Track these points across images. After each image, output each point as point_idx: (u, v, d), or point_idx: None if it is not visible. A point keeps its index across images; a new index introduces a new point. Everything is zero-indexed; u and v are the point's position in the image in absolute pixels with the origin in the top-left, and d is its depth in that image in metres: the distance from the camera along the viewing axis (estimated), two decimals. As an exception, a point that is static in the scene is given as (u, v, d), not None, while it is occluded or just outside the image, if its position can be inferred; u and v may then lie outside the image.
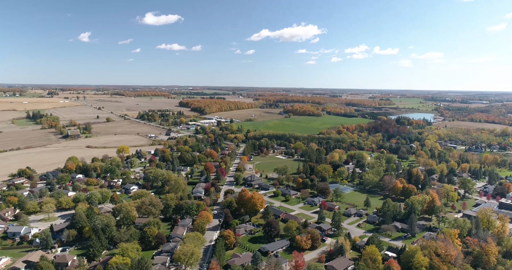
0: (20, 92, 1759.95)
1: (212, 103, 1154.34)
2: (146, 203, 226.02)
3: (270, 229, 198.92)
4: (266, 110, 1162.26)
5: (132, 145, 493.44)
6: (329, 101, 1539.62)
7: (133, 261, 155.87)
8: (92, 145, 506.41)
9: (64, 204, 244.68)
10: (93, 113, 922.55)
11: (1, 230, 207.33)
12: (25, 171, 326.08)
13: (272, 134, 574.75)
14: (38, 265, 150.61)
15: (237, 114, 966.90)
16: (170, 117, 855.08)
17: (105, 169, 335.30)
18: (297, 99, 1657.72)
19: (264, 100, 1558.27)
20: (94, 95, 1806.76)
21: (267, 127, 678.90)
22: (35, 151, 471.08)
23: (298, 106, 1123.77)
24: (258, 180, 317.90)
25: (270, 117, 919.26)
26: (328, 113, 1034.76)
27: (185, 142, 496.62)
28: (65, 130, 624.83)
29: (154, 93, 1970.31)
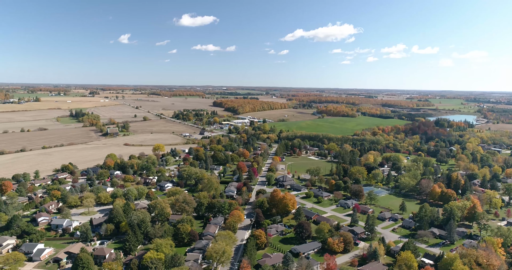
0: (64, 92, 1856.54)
1: (245, 103, 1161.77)
2: (180, 201, 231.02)
3: (301, 231, 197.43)
4: (299, 110, 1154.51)
5: (167, 143, 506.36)
6: (364, 102, 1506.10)
7: (167, 256, 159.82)
8: (130, 143, 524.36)
9: (103, 199, 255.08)
10: (131, 112, 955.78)
11: (46, 222, 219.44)
12: (68, 167, 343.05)
13: (305, 135, 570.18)
14: (79, 257, 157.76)
15: (270, 114, 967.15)
16: (204, 116, 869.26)
17: (142, 167, 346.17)
18: (331, 99, 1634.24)
19: (298, 101, 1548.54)
20: (132, 94, 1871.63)
21: (300, 128, 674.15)
22: (77, 147, 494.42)
23: (332, 106, 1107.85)
24: (290, 181, 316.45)
25: (303, 118, 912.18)
26: (363, 114, 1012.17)
27: (218, 142, 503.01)
28: (104, 128, 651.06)
29: (189, 93, 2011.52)
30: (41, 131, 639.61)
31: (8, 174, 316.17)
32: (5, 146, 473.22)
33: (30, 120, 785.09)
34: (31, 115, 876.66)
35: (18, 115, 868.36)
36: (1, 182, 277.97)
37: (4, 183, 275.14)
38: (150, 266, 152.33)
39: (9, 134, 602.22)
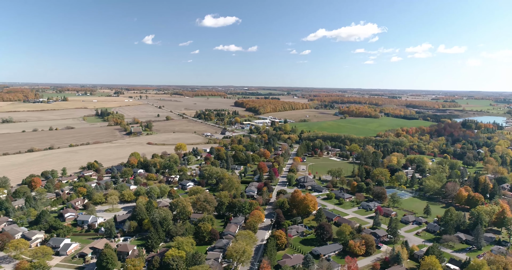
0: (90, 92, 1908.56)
1: (267, 103, 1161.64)
2: (201, 200, 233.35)
3: (322, 232, 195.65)
4: (320, 111, 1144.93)
5: (189, 143, 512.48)
6: (388, 103, 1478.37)
7: (188, 254, 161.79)
8: (153, 142, 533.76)
9: (126, 197, 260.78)
10: (154, 112, 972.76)
11: (72, 217, 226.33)
12: (93, 165, 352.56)
13: (326, 136, 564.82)
14: (103, 252, 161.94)
15: (291, 115, 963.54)
16: (226, 116, 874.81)
17: (164, 165, 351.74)
18: (353, 100, 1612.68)
19: (319, 101, 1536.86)
20: (156, 94, 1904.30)
21: (322, 128, 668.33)
22: (102, 146, 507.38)
23: (354, 107, 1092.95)
24: (311, 182, 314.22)
25: (324, 118, 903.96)
26: (387, 114, 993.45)
27: (239, 141, 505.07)
28: (128, 127, 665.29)
29: (211, 93, 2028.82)
30: (68, 130, 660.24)
31: (38, 171, 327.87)
32: (35, 144, 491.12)
33: (58, 119, 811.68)
34: (59, 114, 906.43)
35: (47, 114, 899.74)
36: (31, 178, 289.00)
37: (34, 179, 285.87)
38: (171, 263, 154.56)
39: (39, 132, 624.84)
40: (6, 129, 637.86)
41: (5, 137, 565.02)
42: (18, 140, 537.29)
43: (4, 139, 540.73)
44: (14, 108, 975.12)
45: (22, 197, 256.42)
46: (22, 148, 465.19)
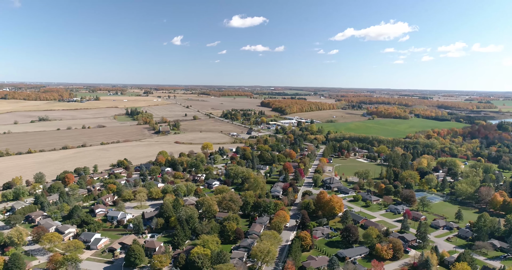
0: (121, 91, 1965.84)
1: (293, 103, 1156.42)
2: (227, 199, 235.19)
3: (348, 234, 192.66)
4: (348, 111, 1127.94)
5: (215, 142, 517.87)
6: (418, 103, 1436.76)
7: (213, 253, 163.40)
8: (180, 141, 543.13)
9: (154, 194, 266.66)
10: (181, 111, 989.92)
11: (103, 213, 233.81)
12: (123, 162, 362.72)
13: (353, 136, 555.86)
14: (131, 248, 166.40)
15: (318, 115, 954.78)
16: (252, 116, 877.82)
17: (191, 164, 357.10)
18: (382, 100, 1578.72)
19: (347, 101, 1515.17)
20: (183, 94, 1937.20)
21: (349, 129, 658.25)
22: (132, 144, 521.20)
23: (383, 107, 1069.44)
24: (337, 183, 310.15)
25: (352, 119, 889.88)
26: (417, 116, 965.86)
27: (265, 141, 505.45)
28: (157, 126, 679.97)
29: (237, 93, 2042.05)
30: (100, 128, 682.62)
31: (71, 168, 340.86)
32: (68, 142, 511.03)
33: (91, 117, 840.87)
34: (92, 113, 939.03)
35: (80, 112, 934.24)
36: (64, 174, 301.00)
37: (67, 175, 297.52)
38: (197, 261, 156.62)
39: (72, 130, 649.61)
40: (43, 127, 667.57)
41: (41, 134, 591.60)
42: (53, 137, 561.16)
43: (41, 137, 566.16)
44: (50, 107, 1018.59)
45: (56, 192, 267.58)
46: (57, 145, 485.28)
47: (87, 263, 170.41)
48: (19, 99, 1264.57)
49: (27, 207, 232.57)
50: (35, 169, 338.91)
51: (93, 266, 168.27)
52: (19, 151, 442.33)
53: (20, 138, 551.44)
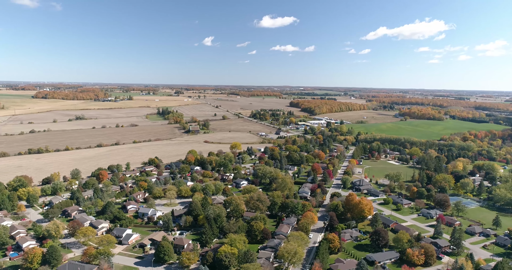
0: (153, 91, 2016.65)
1: (323, 103, 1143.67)
2: (254, 199, 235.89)
3: (378, 238, 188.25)
4: (379, 112, 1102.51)
5: (244, 142, 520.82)
6: (454, 104, 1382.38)
7: (240, 252, 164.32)
8: (209, 140, 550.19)
9: (183, 192, 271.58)
10: (211, 111, 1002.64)
11: (134, 209, 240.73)
12: (154, 161, 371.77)
13: (385, 138, 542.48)
14: (161, 244, 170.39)
15: (348, 116, 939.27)
16: (281, 116, 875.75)
17: (219, 163, 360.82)
18: (415, 101, 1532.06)
19: (378, 102, 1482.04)
20: (213, 94, 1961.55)
21: (380, 130, 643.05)
22: (162, 143, 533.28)
23: (416, 108, 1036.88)
24: (367, 185, 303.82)
25: (383, 120, 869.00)
26: (452, 117, 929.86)
27: (293, 142, 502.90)
28: (187, 125, 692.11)
29: (266, 93, 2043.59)
30: (132, 127, 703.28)
31: (105, 165, 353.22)
32: (103, 140, 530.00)
33: (124, 116, 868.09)
34: (125, 112, 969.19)
35: (114, 112, 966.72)
36: (99, 171, 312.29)
37: (101, 172, 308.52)
38: (224, 259, 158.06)
39: (107, 129, 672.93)
40: (79, 126, 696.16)
41: (78, 132, 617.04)
42: (89, 135, 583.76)
43: (77, 135, 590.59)
44: (86, 106, 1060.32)
45: (91, 188, 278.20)
46: (92, 143, 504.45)
47: (118, 257, 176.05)
48: (58, 98, 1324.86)
49: (64, 202, 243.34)
50: (71, 165, 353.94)
51: (125, 260, 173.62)
52: (58, 148, 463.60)
53: (59, 135, 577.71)
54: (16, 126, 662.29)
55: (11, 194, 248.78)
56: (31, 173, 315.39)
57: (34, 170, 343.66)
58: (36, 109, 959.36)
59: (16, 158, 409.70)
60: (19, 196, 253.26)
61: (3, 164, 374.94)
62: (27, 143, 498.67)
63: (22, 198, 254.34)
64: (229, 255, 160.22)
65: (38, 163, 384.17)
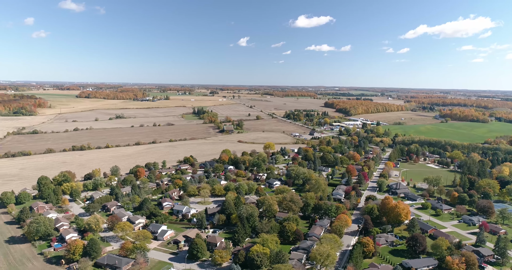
0: (189, 91, 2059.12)
1: (358, 104, 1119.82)
2: (287, 199, 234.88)
3: (415, 244, 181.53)
4: (418, 113, 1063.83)
5: (277, 142, 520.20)
6: (500, 105, 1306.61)
7: (272, 252, 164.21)
8: (243, 140, 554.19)
9: (217, 191, 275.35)
10: (245, 111, 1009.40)
11: (169, 206, 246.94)
12: (189, 159, 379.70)
13: (424, 140, 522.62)
14: (195, 241, 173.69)
15: (385, 117, 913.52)
16: (315, 117, 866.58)
17: (253, 163, 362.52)
18: (457, 102, 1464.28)
19: (417, 103, 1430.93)
20: (247, 94, 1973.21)
21: (419, 132, 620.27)
22: (197, 142, 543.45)
23: (458, 110, 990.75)
24: (404, 189, 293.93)
25: (422, 121, 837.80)
26: (498, 119, 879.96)
27: (328, 143, 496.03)
28: (221, 125, 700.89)
29: (301, 93, 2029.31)
30: (169, 126, 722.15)
31: (142, 162, 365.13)
32: (141, 138, 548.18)
33: (161, 116, 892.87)
34: (162, 111, 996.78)
35: (151, 111, 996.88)
36: (136, 168, 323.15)
37: (139, 169, 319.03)
38: (256, 259, 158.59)
39: (144, 127, 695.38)
40: (119, 124, 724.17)
41: (117, 131, 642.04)
42: (127, 134, 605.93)
43: (117, 133, 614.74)
44: (126, 106, 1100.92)
45: (129, 185, 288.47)
46: (131, 141, 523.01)
47: (154, 252, 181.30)
48: (99, 98, 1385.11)
49: (104, 197, 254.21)
50: (111, 162, 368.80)
51: (159, 255, 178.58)
52: (99, 145, 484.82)
53: (100, 133, 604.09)
54: (61, 124, 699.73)
55: (56, 188, 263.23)
56: (74, 169, 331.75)
57: (77, 166, 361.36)
58: (79, 108, 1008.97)
59: (61, 154, 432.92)
60: (63, 191, 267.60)
61: (49, 160, 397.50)
62: (71, 140, 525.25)
63: (66, 193, 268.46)
64: (261, 255, 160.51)
65: (81, 159, 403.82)
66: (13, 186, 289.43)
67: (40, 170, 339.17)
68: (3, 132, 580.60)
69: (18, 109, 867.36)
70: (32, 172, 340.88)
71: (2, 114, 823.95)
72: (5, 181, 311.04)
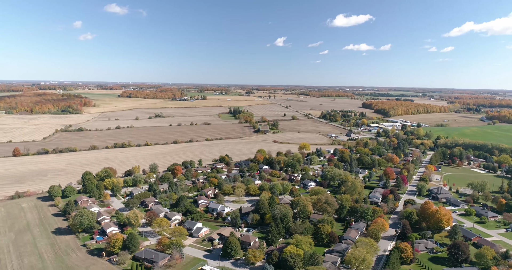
0: (225, 91, 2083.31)
1: (398, 105, 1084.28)
2: (322, 201, 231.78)
3: (457, 252, 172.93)
4: (462, 115, 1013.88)
5: (312, 143, 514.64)
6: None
7: (306, 253, 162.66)
8: (278, 140, 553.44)
9: (251, 191, 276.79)
10: (280, 111, 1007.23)
11: (204, 204, 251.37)
12: (224, 158, 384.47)
13: (468, 143, 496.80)
14: (229, 240, 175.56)
15: (426, 118, 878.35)
16: (352, 118, 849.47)
17: (287, 163, 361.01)
18: (506, 103, 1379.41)
19: (461, 104, 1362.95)
20: (283, 94, 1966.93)
21: (463, 135, 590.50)
22: (233, 141, 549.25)
23: (507, 111, 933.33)
24: (445, 194, 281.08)
25: (467, 123, 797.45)
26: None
27: (365, 144, 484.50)
28: (257, 125, 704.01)
29: (338, 94, 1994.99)
30: (205, 125, 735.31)
31: (179, 160, 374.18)
32: (178, 137, 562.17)
33: (198, 115, 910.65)
34: (199, 111, 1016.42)
35: (189, 110, 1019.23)
36: (174, 166, 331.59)
37: (176, 167, 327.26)
38: (289, 260, 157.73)
39: (182, 126, 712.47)
40: (158, 123, 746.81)
41: (156, 129, 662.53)
42: (166, 132, 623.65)
43: (156, 131, 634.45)
44: (164, 105, 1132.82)
45: (166, 182, 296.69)
46: (169, 139, 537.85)
47: (189, 249, 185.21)
48: (140, 97, 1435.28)
49: (142, 193, 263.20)
50: (150, 160, 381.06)
51: (194, 252, 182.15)
52: (138, 143, 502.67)
53: (140, 132, 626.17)
54: (104, 122, 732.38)
55: (99, 183, 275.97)
56: (115, 165, 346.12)
57: (118, 163, 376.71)
58: (121, 107, 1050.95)
59: (104, 151, 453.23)
60: (105, 186, 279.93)
61: (93, 156, 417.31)
62: (113, 138, 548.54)
63: (108, 188, 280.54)
64: (295, 256, 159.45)
65: (122, 156, 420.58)
66: (60, 180, 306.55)
67: (84, 166, 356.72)
68: (52, 129, 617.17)
69: (66, 108, 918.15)
70: (77, 167, 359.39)
71: (51, 112, 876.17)
72: (53, 176, 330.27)
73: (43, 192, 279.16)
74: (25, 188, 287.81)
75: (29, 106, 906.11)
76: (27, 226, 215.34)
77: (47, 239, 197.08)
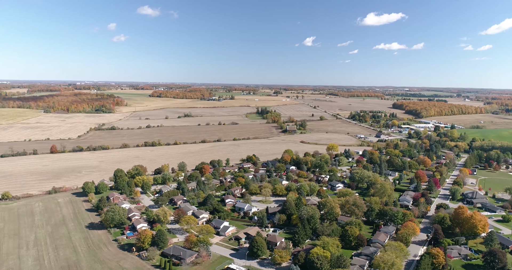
0: (253, 91, 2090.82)
1: (430, 105, 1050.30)
2: (350, 203, 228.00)
3: (493, 260, 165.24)
4: (500, 116, 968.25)
5: (341, 144, 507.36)
6: None
7: (333, 256, 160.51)
8: (305, 141, 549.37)
9: (278, 191, 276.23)
10: (308, 111, 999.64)
11: (231, 203, 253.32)
12: (252, 158, 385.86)
13: (506, 146, 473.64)
14: (255, 239, 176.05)
15: (461, 120, 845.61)
16: (382, 118, 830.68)
17: (315, 164, 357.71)
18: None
19: (499, 104, 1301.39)
20: (311, 94, 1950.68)
21: (501, 137, 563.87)
22: (260, 141, 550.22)
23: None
24: (481, 199, 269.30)
25: (505, 125, 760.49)
26: None
27: (395, 146, 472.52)
28: (284, 125, 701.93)
29: (367, 94, 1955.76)
30: (233, 125, 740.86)
31: (207, 159, 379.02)
32: (206, 136, 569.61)
33: (226, 115, 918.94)
34: (227, 110, 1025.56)
35: (217, 110, 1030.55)
36: (202, 165, 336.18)
37: (204, 166, 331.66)
38: (316, 261, 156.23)
39: (210, 126, 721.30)
40: (187, 122, 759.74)
41: (185, 129, 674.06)
42: (194, 132, 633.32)
43: (185, 131, 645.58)
44: (193, 105, 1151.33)
45: (194, 180, 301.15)
46: (197, 139, 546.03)
47: (216, 247, 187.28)
48: (170, 97, 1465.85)
49: (171, 191, 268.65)
50: (179, 158, 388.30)
51: (221, 250, 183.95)
52: (168, 142, 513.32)
53: (169, 131, 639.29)
54: (135, 121, 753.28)
55: (130, 181, 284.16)
56: (145, 163, 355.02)
57: (148, 161, 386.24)
58: (152, 107, 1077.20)
59: (135, 149, 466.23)
60: (136, 183, 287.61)
61: (124, 154, 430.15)
62: (144, 136, 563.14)
63: (138, 185, 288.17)
64: (321, 257, 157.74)
65: (152, 154, 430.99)
66: (93, 177, 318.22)
67: (116, 163, 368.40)
68: (87, 128, 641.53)
69: (99, 107, 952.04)
70: (109, 164, 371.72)
71: (86, 112, 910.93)
72: (87, 172, 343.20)
73: (77, 188, 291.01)
74: (61, 183, 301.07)
75: (65, 105, 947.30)
76: (63, 220, 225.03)
77: (81, 233, 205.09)
